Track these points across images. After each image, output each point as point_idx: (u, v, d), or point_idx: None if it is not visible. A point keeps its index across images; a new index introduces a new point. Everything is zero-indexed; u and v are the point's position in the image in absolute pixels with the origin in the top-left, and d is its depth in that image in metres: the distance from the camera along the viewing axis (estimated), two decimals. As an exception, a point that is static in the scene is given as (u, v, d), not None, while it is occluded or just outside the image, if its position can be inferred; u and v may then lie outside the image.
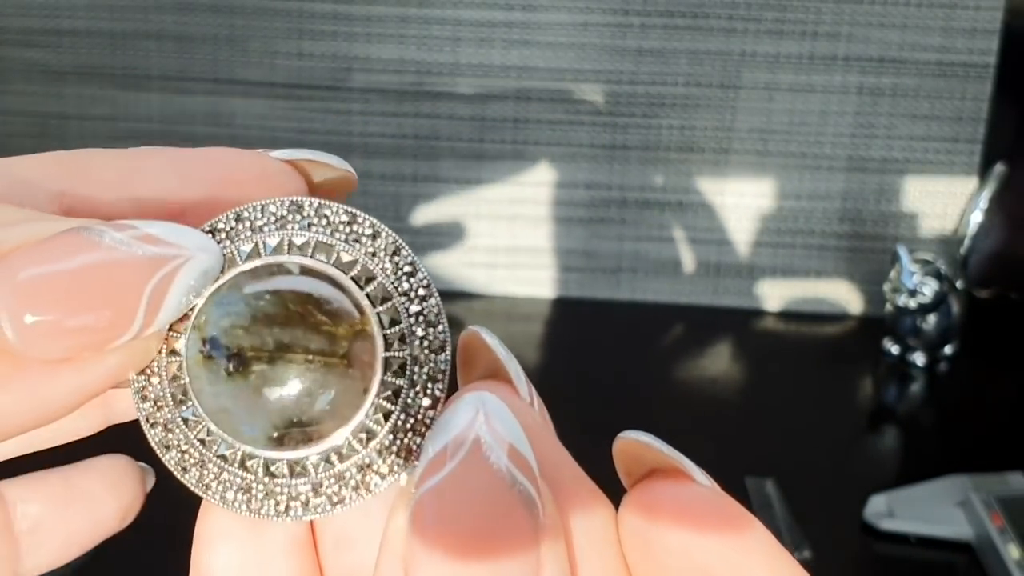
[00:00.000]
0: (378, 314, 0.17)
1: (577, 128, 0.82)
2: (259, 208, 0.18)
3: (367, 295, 0.17)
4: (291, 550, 0.19)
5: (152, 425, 0.17)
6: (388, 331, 0.17)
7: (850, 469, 0.67)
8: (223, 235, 0.17)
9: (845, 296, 0.84)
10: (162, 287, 0.16)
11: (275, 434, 0.17)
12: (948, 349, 0.78)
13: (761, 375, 0.77)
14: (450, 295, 0.84)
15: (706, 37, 0.80)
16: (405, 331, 0.18)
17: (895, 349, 0.79)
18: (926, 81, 0.80)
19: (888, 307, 0.77)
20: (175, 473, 0.18)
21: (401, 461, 0.17)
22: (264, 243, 0.17)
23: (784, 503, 0.62)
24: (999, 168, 0.81)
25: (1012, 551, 0.56)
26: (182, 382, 0.17)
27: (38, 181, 0.18)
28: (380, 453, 0.17)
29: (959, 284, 0.78)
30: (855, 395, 0.77)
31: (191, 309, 0.17)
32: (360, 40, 0.81)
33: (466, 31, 0.80)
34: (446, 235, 0.84)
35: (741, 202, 0.83)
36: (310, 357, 0.17)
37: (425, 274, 0.18)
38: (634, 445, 0.17)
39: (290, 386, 0.17)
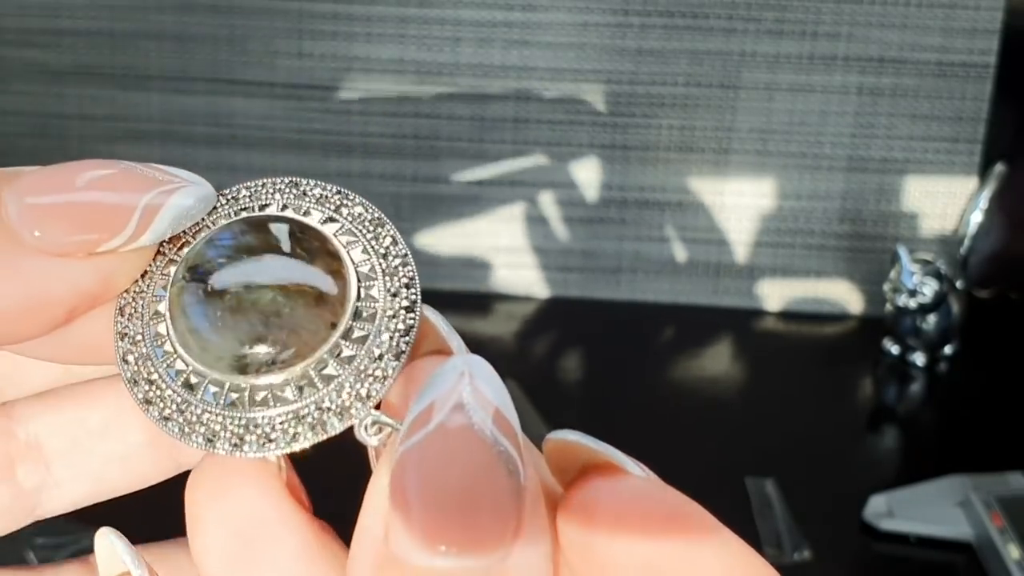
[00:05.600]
0: (356, 269, 0.18)
1: (577, 128, 0.82)
2: (258, 185, 0.19)
3: (348, 253, 0.18)
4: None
5: (122, 337, 0.18)
6: (363, 284, 0.18)
7: (850, 469, 0.67)
8: (224, 198, 0.19)
9: (845, 296, 0.84)
10: (157, 201, 0.17)
11: (241, 351, 0.17)
12: (948, 349, 0.78)
13: (761, 375, 0.77)
14: (450, 295, 0.84)
15: (706, 37, 0.80)
16: (379, 287, 0.18)
17: (895, 349, 0.79)
18: (926, 81, 0.80)
19: (888, 307, 0.77)
20: (132, 394, 0.18)
21: (360, 405, 0.17)
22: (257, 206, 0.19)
23: (784, 503, 0.62)
24: (999, 168, 0.81)
25: (1012, 551, 0.56)
26: (159, 308, 0.18)
27: None
28: (339, 394, 0.17)
29: (959, 284, 0.78)
30: (855, 395, 0.77)
31: (184, 247, 0.18)
32: (360, 40, 0.81)
33: (466, 31, 0.80)
34: (446, 235, 0.84)
35: (741, 202, 0.83)
36: (284, 283, 0.18)
37: (406, 250, 0.19)
38: (563, 445, 0.16)
39: (261, 303, 0.17)
